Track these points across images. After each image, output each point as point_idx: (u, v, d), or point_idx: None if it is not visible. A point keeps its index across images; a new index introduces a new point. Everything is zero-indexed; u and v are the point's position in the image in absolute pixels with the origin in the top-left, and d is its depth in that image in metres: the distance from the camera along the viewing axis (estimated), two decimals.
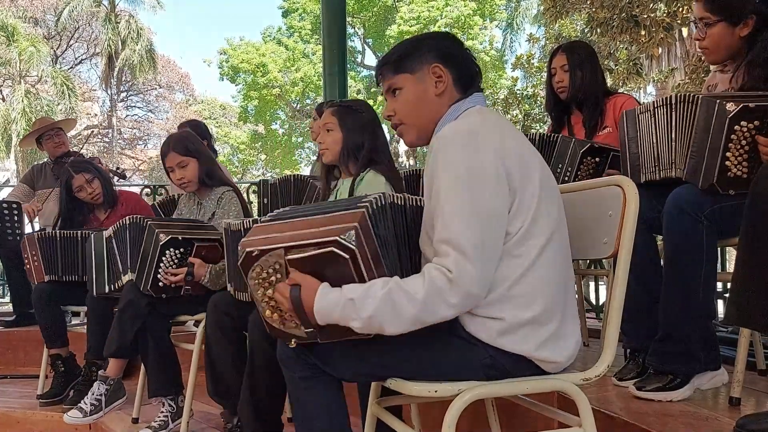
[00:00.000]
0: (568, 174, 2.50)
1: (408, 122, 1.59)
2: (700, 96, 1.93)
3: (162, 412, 2.74)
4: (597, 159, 2.55)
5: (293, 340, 1.47)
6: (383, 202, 1.45)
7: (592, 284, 4.15)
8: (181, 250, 2.63)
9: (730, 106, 1.82)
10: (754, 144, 1.82)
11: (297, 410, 1.56)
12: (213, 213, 2.85)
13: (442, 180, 1.37)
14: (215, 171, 2.91)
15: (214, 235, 2.71)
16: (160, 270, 2.63)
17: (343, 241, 1.32)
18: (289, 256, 1.38)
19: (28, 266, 3.36)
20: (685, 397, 1.95)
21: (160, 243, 2.59)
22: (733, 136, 1.83)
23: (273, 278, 1.43)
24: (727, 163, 1.84)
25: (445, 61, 1.55)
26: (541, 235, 1.40)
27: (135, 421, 2.90)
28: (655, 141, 2.05)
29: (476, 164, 1.35)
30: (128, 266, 2.76)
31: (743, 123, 1.81)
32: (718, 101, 1.85)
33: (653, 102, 2.09)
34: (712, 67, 2.34)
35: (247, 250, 1.43)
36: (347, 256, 1.33)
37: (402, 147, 19.72)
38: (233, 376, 2.40)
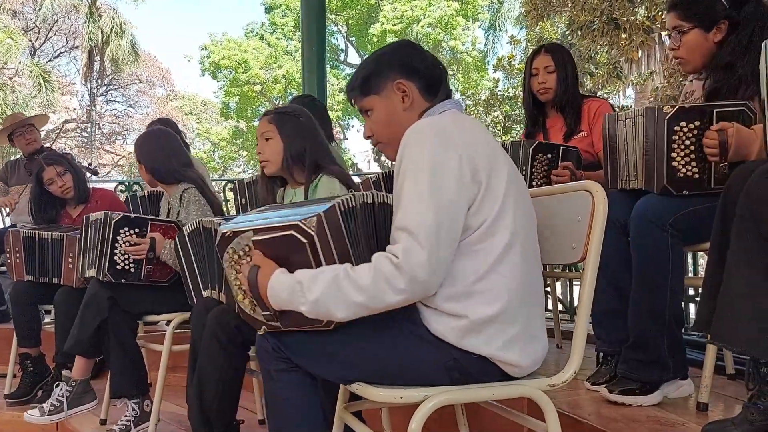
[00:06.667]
0: (524, 173, 2.51)
1: (384, 140, 1.63)
2: (646, 107, 2.00)
3: (125, 415, 2.69)
4: (549, 155, 2.55)
5: (263, 328, 1.49)
6: (354, 203, 1.47)
7: (568, 286, 4.17)
8: (136, 230, 2.67)
9: (667, 109, 1.90)
10: (700, 145, 1.88)
11: (271, 405, 1.55)
12: (178, 212, 2.83)
13: (407, 170, 1.39)
14: (169, 169, 2.85)
15: (172, 220, 2.76)
16: (116, 251, 2.64)
17: (303, 226, 1.37)
18: (255, 238, 1.44)
19: (9, 261, 3.31)
20: (655, 403, 1.96)
21: (113, 221, 2.64)
22: (675, 137, 1.89)
23: (244, 261, 1.48)
24: (674, 164, 1.90)
25: (407, 74, 1.56)
26: (504, 232, 1.40)
27: (103, 422, 2.86)
28: (627, 150, 2.09)
29: (440, 155, 1.37)
30: (91, 261, 2.73)
31: (683, 123, 1.88)
32: (657, 107, 1.93)
33: (625, 112, 2.11)
34: (689, 75, 2.36)
35: (222, 231, 1.51)
36: (305, 241, 1.38)
37: None
38: (223, 402, 2.17)
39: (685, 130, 1.88)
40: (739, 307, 1.39)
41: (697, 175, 1.90)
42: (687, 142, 1.89)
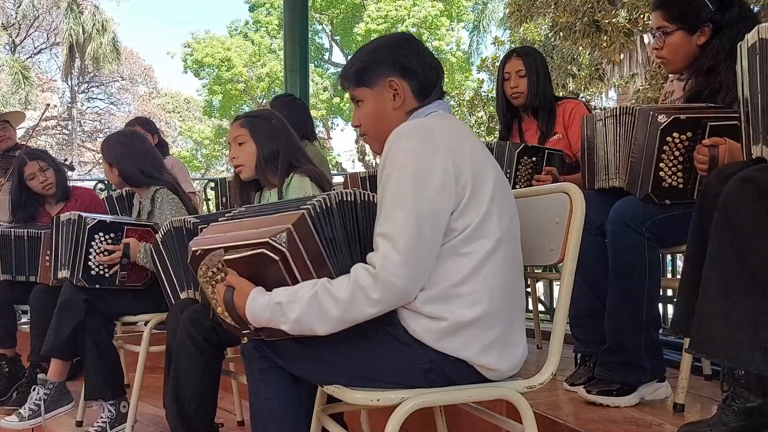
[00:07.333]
0: (508, 175, 2.51)
1: (371, 134, 1.61)
2: (638, 108, 1.97)
3: (101, 417, 2.66)
4: (534, 158, 2.56)
5: (245, 337, 1.50)
6: (329, 203, 1.45)
7: (549, 287, 4.19)
8: (111, 235, 2.65)
9: (662, 118, 1.85)
10: (688, 155, 1.86)
11: (253, 404, 1.56)
12: (149, 212, 2.80)
13: (391, 172, 1.38)
14: (140, 172, 2.81)
15: (148, 223, 2.73)
16: (90, 256, 2.61)
17: (274, 243, 1.35)
18: (227, 257, 1.42)
19: None
20: (632, 404, 1.97)
21: (88, 226, 2.60)
22: (665, 147, 1.86)
23: (218, 277, 1.47)
24: (661, 173, 1.88)
25: (402, 73, 1.53)
26: (489, 237, 1.39)
27: (79, 424, 2.82)
28: (606, 149, 2.09)
29: (425, 159, 1.36)
30: (64, 262, 2.70)
31: (675, 134, 1.85)
32: (651, 113, 1.88)
33: (604, 111, 2.11)
34: (670, 75, 2.37)
35: (193, 249, 1.48)
36: (277, 258, 1.35)
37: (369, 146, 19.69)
38: (201, 402, 2.14)
39: (677, 141, 1.85)
40: (716, 317, 1.38)
41: (681, 185, 1.88)
42: (676, 153, 1.86)
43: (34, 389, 2.92)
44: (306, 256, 1.38)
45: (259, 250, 1.36)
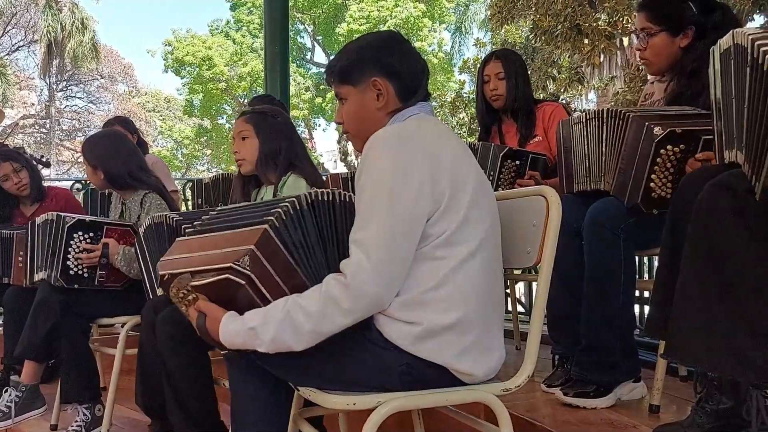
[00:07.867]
0: (491, 178, 2.52)
1: (353, 132, 1.61)
2: (631, 114, 1.95)
3: (76, 421, 2.62)
4: (517, 162, 2.57)
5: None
6: (299, 206, 1.43)
7: (530, 287, 4.21)
8: (91, 234, 2.61)
9: (658, 130, 1.84)
10: (680, 166, 1.86)
11: (234, 403, 1.55)
12: (138, 216, 2.75)
13: (367, 178, 1.38)
14: (128, 174, 2.76)
15: (128, 223, 2.71)
16: (69, 256, 2.57)
17: (237, 268, 1.33)
18: (194, 282, 1.40)
19: None
20: (608, 405, 1.98)
21: (67, 225, 2.56)
22: (658, 159, 1.86)
23: (190, 297, 1.45)
24: (652, 184, 1.87)
25: (387, 73, 1.53)
26: (467, 242, 1.39)
27: (54, 428, 2.77)
28: (587, 152, 2.09)
29: (402, 166, 1.36)
30: (40, 264, 2.66)
31: (669, 147, 1.84)
32: (647, 124, 1.87)
33: (585, 113, 2.11)
34: (649, 77, 2.38)
35: (160, 273, 1.48)
36: (243, 282, 1.34)
37: (351, 146, 19.68)
38: (204, 400, 2.12)
39: (670, 153, 1.84)
40: (691, 323, 1.39)
41: (669, 195, 1.87)
42: (668, 165, 1.86)
43: (6, 391, 2.87)
44: (273, 273, 1.37)
45: (224, 276, 1.34)
